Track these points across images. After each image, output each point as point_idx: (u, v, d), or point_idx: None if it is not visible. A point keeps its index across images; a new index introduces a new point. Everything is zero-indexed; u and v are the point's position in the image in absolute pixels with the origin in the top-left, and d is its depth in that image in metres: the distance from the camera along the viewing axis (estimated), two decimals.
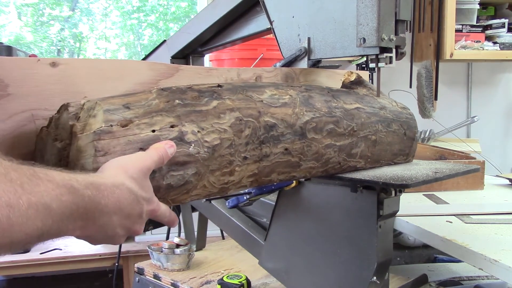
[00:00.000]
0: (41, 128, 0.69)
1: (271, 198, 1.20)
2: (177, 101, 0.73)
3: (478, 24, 2.58)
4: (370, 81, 2.00)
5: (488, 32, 2.59)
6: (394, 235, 1.10)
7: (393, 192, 0.96)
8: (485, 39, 2.57)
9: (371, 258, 0.97)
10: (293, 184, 1.09)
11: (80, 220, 0.53)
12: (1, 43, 2.27)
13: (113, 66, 0.82)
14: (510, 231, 1.19)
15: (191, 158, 0.70)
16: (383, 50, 0.98)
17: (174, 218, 0.69)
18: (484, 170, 1.71)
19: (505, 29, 2.56)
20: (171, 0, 3.51)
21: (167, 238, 1.88)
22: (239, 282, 1.27)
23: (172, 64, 0.93)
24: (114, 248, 2.09)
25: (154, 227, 1.82)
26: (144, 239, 2.23)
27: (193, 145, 0.71)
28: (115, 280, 1.96)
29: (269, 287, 1.32)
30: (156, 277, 1.45)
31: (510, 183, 1.81)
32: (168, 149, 0.66)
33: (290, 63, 1.18)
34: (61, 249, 2.17)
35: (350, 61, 2.26)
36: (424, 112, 2.42)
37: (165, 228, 1.91)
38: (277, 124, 0.83)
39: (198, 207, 1.55)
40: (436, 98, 2.42)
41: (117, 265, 2.00)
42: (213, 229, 1.74)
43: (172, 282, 1.40)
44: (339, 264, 1.03)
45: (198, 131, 0.72)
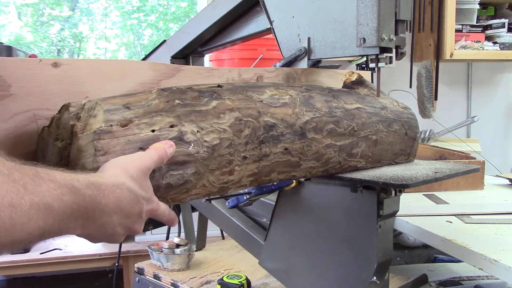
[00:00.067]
0: (43, 128, 0.70)
1: (271, 198, 1.20)
2: (177, 101, 0.73)
3: (478, 24, 2.58)
4: (371, 81, 2.00)
5: (488, 32, 2.58)
6: (394, 235, 1.10)
7: (393, 192, 0.96)
8: (485, 39, 2.57)
9: (371, 258, 0.97)
10: (293, 184, 1.09)
11: (80, 219, 0.53)
12: (1, 43, 2.28)
13: (115, 67, 0.82)
14: (510, 231, 1.19)
15: (191, 157, 0.71)
16: (383, 50, 0.98)
17: (173, 217, 0.69)
18: (484, 170, 1.71)
19: (505, 29, 2.56)
20: (171, 0, 3.51)
21: (167, 238, 1.88)
22: (239, 282, 1.27)
23: (174, 64, 0.93)
24: (114, 248, 2.09)
25: (154, 227, 1.82)
26: (144, 239, 2.22)
27: (192, 144, 0.71)
28: (115, 280, 1.96)
29: (269, 287, 1.32)
30: (156, 277, 1.45)
31: (510, 183, 1.81)
32: (167, 149, 0.66)
33: (290, 63, 1.18)
34: (61, 249, 2.16)
35: (350, 61, 2.25)
36: (424, 112, 2.42)
37: (165, 228, 1.91)
38: (277, 124, 0.84)
39: (198, 207, 1.55)
40: (436, 98, 2.42)
41: (117, 265, 2.00)
42: (213, 229, 1.74)
43: (172, 282, 1.40)
44: (339, 264, 1.03)
45: (197, 131, 0.72)
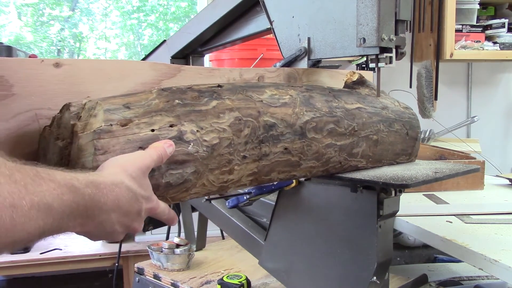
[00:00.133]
0: (44, 127, 0.70)
1: (271, 198, 1.20)
2: (177, 101, 0.73)
3: (478, 24, 2.58)
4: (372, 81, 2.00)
5: (488, 32, 2.58)
6: (394, 235, 1.10)
7: (393, 192, 0.96)
8: (485, 39, 2.57)
9: (371, 258, 0.97)
10: (293, 184, 1.09)
11: (80, 218, 0.54)
12: (1, 43, 2.28)
13: (116, 67, 0.82)
14: (510, 231, 1.19)
15: (190, 157, 0.71)
16: (383, 50, 0.98)
17: (173, 216, 0.69)
18: (484, 170, 1.71)
19: (505, 29, 2.56)
20: (171, 0, 3.51)
21: (167, 238, 1.88)
22: (239, 282, 1.27)
23: (175, 64, 0.93)
24: (114, 248, 2.09)
25: (154, 227, 1.81)
26: (144, 239, 2.22)
27: (192, 144, 0.71)
28: (115, 280, 1.96)
29: (269, 287, 1.32)
30: (156, 277, 1.45)
31: (510, 183, 1.81)
32: (167, 148, 0.66)
33: (290, 63, 1.18)
34: (61, 249, 2.16)
35: (350, 61, 2.26)
36: (424, 112, 2.42)
37: (165, 228, 1.91)
38: (276, 123, 0.84)
39: (198, 207, 1.55)
40: (436, 98, 2.42)
41: (117, 265, 2.00)
42: (213, 229, 1.74)
43: (172, 282, 1.40)
44: (339, 264, 1.03)
45: (197, 131, 0.72)
